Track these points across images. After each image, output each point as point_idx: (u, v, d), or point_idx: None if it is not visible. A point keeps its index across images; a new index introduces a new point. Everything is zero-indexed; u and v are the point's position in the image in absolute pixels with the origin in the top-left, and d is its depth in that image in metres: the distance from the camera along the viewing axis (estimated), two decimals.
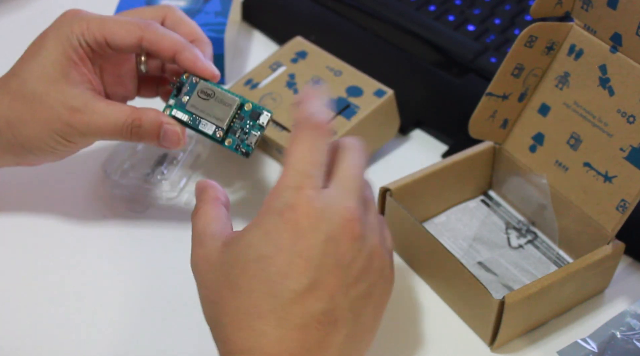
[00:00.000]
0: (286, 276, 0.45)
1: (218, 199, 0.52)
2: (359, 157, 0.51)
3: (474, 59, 0.73)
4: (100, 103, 0.57)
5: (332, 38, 0.77)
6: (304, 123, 0.49)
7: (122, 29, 0.57)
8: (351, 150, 0.51)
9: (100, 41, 0.57)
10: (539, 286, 0.54)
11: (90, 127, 0.57)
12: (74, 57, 0.57)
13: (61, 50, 0.57)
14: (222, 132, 0.56)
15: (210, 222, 0.50)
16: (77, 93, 0.57)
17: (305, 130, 0.49)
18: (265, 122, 0.55)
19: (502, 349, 0.56)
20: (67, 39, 0.57)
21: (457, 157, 0.63)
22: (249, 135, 0.55)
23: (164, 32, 0.58)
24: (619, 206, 0.56)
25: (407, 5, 0.79)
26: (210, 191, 0.52)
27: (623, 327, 0.55)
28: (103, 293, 0.59)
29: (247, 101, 0.56)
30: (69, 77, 0.57)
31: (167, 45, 0.58)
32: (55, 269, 0.60)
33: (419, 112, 0.72)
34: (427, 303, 0.59)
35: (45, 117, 0.57)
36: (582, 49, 0.58)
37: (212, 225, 0.50)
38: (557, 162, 0.60)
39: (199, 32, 0.61)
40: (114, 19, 0.58)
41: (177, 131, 0.58)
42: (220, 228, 0.50)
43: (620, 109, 0.56)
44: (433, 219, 0.64)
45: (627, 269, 0.61)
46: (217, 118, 0.56)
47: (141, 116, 0.57)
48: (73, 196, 0.65)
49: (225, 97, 0.56)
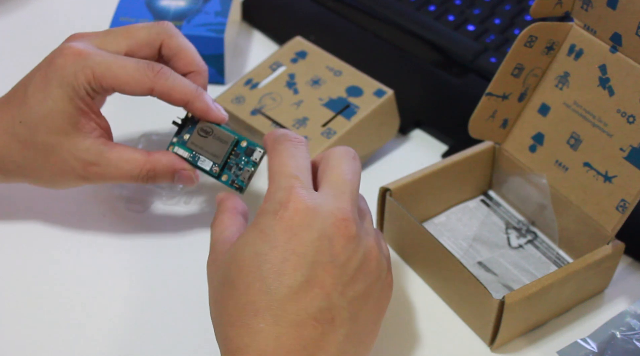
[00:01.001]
0: (280, 272, 0.46)
1: (235, 208, 0.54)
2: (351, 163, 0.52)
3: (474, 59, 0.73)
4: (113, 153, 0.57)
5: (332, 38, 0.77)
6: (277, 139, 0.52)
7: (132, 79, 0.56)
8: (343, 157, 0.52)
9: (107, 89, 0.57)
10: (539, 286, 0.54)
11: (105, 178, 0.58)
12: (82, 105, 0.56)
13: (68, 100, 0.56)
14: (218, 168, 0.58)
15: (225, 229, 0.52)
16: (89, 145, 0.57)
17: (281, 143, 0.51)
18: (258, 158, 0.57)
19: (502, 349, 0.56)
20: (73, 88, 0.56)
21: (457, 157, 0.63)
22: (243, 171, 0.57)
23: (173, 82, 0.57)
24: (618, 206, 0.56)
25: (407, 5, 0.79)
26: (228, 202, 0.55)
27: (623, 327, 0.55)
28: (102, 293, 0.59)
29: (242, 138, 0.58)
30: (78, 126, 0.57)
31: (178, 96, 0.57)
32: (55, 269, 0.60)
33: (419, 112, 0.72)
34: (427, 303, 0.59)
35: (59, 168, 0.57)
36: (582, 49, 0.58)
37: (226, 232, 0.52)
38: (557, 161, 0.60)
39: (198, 61, 0.60)
40: (120, 64, 0.56)
41: (190, 175, 0.59)
42: (232, 235, 0.51)
43: (620, 109, 0.56)
44: (433, 219, 0.64)
45: (627, 269, 0.61)
46: (214, 155, 0.58)
47: (155, 166, 0.58)
48: (73, 196, 0.65)
49: (222, 135, 0.58)
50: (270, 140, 0.53)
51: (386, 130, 0.69)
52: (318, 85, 0.68)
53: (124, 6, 0.75)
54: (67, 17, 0.82)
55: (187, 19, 0.74)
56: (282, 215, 0.47)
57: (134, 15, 0.75)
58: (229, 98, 0.69)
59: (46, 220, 0.63)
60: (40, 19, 0.83)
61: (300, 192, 0.48)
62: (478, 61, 0.73)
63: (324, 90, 0.68)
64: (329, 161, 0.52)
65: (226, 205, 0.54)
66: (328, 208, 0.48)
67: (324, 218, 0.47)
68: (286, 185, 0.48)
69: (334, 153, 0.52)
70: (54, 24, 0.81)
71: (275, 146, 0.52)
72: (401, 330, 0.57)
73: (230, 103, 0.69)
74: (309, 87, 0.68)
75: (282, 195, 0.48)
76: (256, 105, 0.68)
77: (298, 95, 0.68)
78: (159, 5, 0.76)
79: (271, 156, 0.51)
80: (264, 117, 0.67)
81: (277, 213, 0.47)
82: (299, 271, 0.46)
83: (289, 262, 0.46)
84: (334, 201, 0.49)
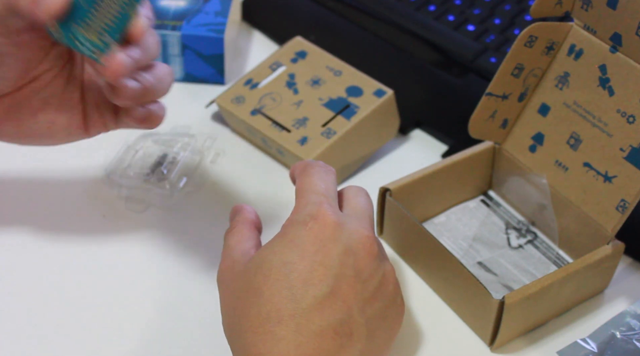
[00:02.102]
0: (307, 282, 0.47)
1: (253, 222, 0.55)
2: (367, 197, 0.54)
3: (474, 59, 0.73)
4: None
5: (332, 38, 0.77)
6: (310, 164, 0.53)
7: None
8: (358, 191, 0.54)
9: None
10: (538, 286, 0.54)
11: None
12: None
13: None
14: None
15: (243, 240, 0.53)
16: None
17: (314, 167, 0.53)
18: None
19: (502, 349, 0.56)
20: None
21: (457, 157, 0.63)
22: None
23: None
24: (618, 206, 0.56)
25: (407, 5, 0.79)
26: (246, 213, 0.55)
27: (623, 327, 0.55)
28: (102, 293, 0.59)
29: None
30: None
31: None
32: (55, 269, 0.60)
33: (419, 112, 0.72)
34: (427, 304, 0.59)
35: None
36: (582, 49, 0.58)
37: (244, 243, 0.52)
38: (557, 162, 0.60)
39: None
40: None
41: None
42: (249, 247, 0.52)
43: (620, 109, 0.56)
44: (433, 219, 0.64)
45: (627, 269, 0.61)
46: None
47: None
48: (73, 196, 0.65)
49: None
50: (302, 165, 0.54)
51: (386, 130, 0.69)
52: (318, 85, 0.68)
53: None
54: None
55: (187, 19, 0.74)
56: (312, 227, 0.48)
57: None
58: (229, 98, 0.69)
59: (46, 220, 0.63)
60: None
61: (329, 208, 0.49)
62: (478, 61, 0.73)
63: (324, 90, 0.68)
64: (346, 194, 0.54)
65: (245, 216, 0.55)
66: (353, 226, 0.50)
67: (350, 234, 0.49)
68: (316, 200, 0.50)
69: (350, 189, 0.54)
70: None
71: (308, 169, 0.53)
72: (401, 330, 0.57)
73: (230, 103, 0.69)
74: (309, 87, 0.68)
75: (312, 209, 0.49)
76: (256, 105, 0.68)
77: (298, 95, 0.68)
78: (159, 5, 0.76)
79: (302, 177, 0.53)
80: (264, 117, 0.67)
81: (307, 225, 0.48)
82: (324, 282, 0.47)
83: (316, 273, 0.47)
84: (357, 222, 0.50)
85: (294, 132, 0.66)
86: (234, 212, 0.56)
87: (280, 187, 0.67)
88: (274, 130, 0.66)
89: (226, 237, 0.54)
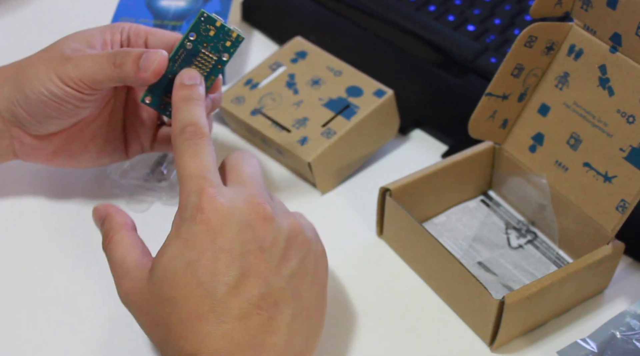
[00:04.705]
0: (215, 273, 0.47)
1: (127, 224, 0.53)
2: (248, 159, 0.53)
3: (474, 59, 0.73)
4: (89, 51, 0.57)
5: (332, 38, 0.77)
6: (179, 135, 0.51)
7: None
8: (240, 158, 0.53)
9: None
10: (538, 287, 0.54)
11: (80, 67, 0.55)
12: None
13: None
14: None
15: (129, 250, 0.51)
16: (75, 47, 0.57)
17: (184, 141, 0.50)
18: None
19: (502, 349, 0.56)
20: None
21: (457, 157, 0.63)
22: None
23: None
24: (618, 206, 0.56)
25: (407, 5, 0.79)
26: (118, 217, 0.53)
27: (623, 327, 0.55)
28: (102, 293, 0.59)
29: None
30: None
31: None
32: (55, 269, 0.60)
33: (419, 112, 0.72)
34: (427, 303, 0.59)
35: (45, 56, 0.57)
36: (581, 49, 0.58)
37: (131, 254, 0.51)
38: (557, 162, 0.60)
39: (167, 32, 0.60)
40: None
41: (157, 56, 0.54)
42: (139, 256, 0.50)
43: (620, 109, 0.56)
44: (433, 219, 0.64)
45: (627, 269, 0.61)
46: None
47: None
48: (73, 196, 0.65)
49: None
50: (172, 139, 0.51)
51: (386, 130, 0.69)
52: (318, 85, 0.68)
53: (124, 6, 0.75)
54: (67, 17, 0.82)
55: (187, 19, 0.74)
56: (200, 219, 0.47)
57: (133, 15, 0.75)
58: (229, 98, 0.69)
59: (46, 220, 0.63)
60: (40, 18, 0.83)
61: (211, 192, 0.48)
62: (478, 61, 0.73)
63: (324, 90, 0.68)
64: (228, 163, 0.53)
65: (117, 221, 0.53)
66: (240, 198, 0.49)
67: (240, 209, 0.48)
68: (196, 187, 0.48)
69: (231, 157, 0.53)
70: (54, 23, 0.81)
71: (177, 145, 0.51)
72: (401, 330, 0.57)
73: (230, 103, 0.69)
74: (309, 87, 0.68)
75: (194, 200, 0.48)
76: (256, 105, 0.68)
77: (298, 95, 0.68)
78: (159, 5, 0.76)
79: (175, 157, 0.51)
80: (264, 117, 0.67)
81: (195, 219, 0.47)
82: (232, 266, 0.47)
83: (221, 261, 0.47)
84: (243, 190, 0.49)
85: (294, 132, 0.66)
86: (99, 217, 0.54)
87: (280, 187, 0.67)
88: (274, 130, 0.66)
89: (106, 250, 0.52)
